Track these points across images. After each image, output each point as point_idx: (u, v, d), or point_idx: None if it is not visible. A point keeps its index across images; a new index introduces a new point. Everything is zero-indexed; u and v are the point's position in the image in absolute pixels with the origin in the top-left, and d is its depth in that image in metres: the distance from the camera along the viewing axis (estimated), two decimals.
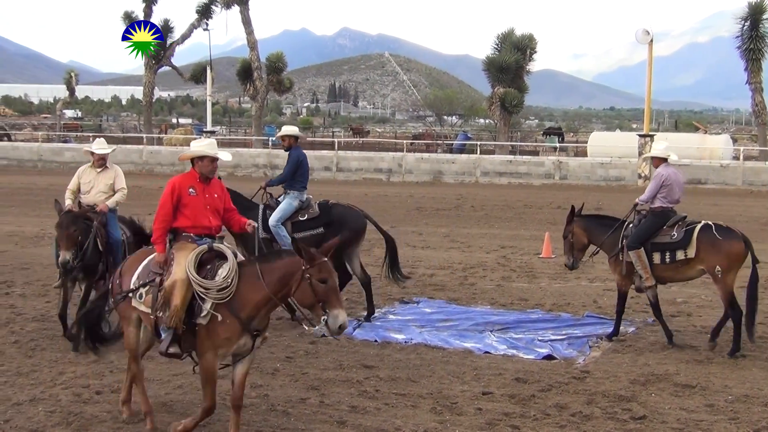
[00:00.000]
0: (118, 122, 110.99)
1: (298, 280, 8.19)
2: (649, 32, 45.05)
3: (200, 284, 8.36)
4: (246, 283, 8.40)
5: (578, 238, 13.83)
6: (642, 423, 9.39)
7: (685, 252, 12.66)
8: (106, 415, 9.38)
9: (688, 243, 12.63)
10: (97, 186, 12.90)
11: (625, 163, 43.88)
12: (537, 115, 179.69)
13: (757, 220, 29.02)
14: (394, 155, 48.36)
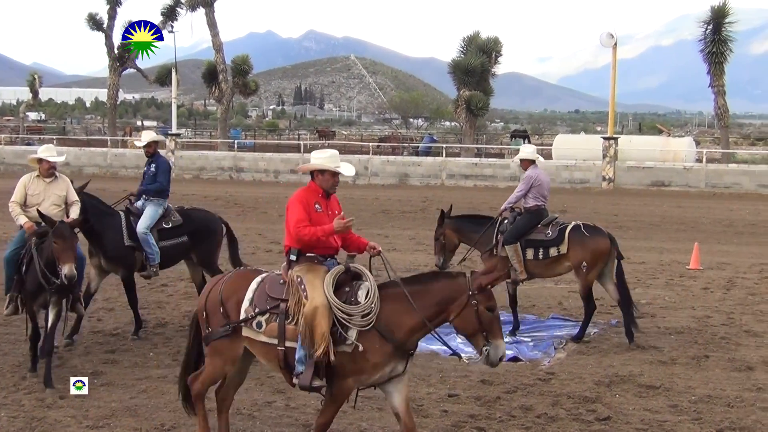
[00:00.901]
0: (82, 125, 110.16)
1: (461, 306, 7.68)
2: (613, 35, 45.36)
3: (342, 310, 7.72)
4: (393, 307, 7.83)
5: (450, 239, 14.29)
6: (606, 424, 9.47)
7: (558, 249, 13.49)
8: (69, 420, 9.35)
9: (562, 241, 13.46)
10: (49, 198, 11.52)
11: (589, 166, 44.12)
12: (502, 118, 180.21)
13: (720, 222, 29.30)
14: (360, 158, 48.31)
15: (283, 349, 7.88)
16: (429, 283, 7.99)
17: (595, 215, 30.56)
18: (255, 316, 8.00)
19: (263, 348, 8.04)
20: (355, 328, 7.69)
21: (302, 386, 7.84)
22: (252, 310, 8.01)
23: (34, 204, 11.35)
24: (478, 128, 69.00)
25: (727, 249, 22.81)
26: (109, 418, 9.40)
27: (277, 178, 46.65)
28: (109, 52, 65.74)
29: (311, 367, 7.69)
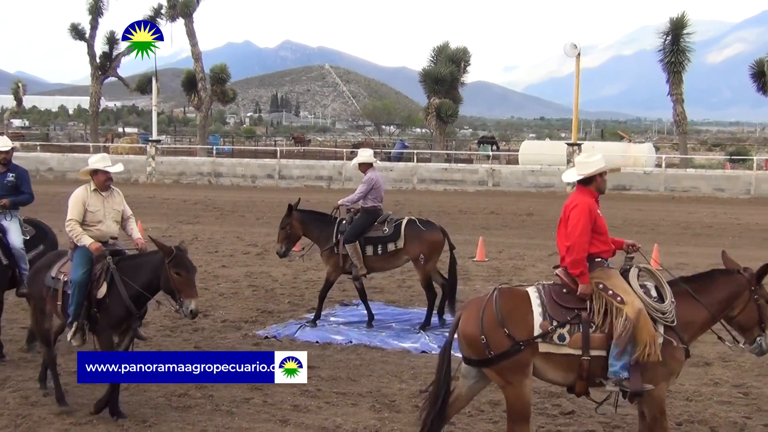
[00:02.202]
0: (65, 131, 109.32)
1: (745, 301, 7.62)
2: (576, 46, 45.57)
3: (657, 309, 7.53)
4: (682, 304, 7.67)
5: (295, 231, 14.34)
6: (571, 418, 9.51)
7: (395, 244, 13.85)
8: (53, 417, 9.29)
9: (398, 236, 13.83)
10: (109, 214, 9.92)
11: (554, 171, 44.26)
12: (471, 125, 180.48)
13: (679, 224, 29.48)
14: (334, 163, 48.33)
15: (588, 359, 7.52)
16: (709, 281, 7.88)
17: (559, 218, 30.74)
18: (555, 329, 7.54)
19: (563, 360, 7.56)
20: (661, 325, 7.54)
21: (634, 391, 7.47)
22: (549, 324, 7.55)
23: (95, 221, 9.81)
24: (448, 135, 69.08)
25: (686, 250, 22.94)
26: (92, 415, 9.34)
27: (254, 183, 46.53)
28: (92, 61, 65.49)
29: (637, 371, 7.43)
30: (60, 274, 9.62)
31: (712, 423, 9.40)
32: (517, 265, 20.17)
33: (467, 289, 17.21)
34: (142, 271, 9.25)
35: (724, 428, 9.24)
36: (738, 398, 10.30)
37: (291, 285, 17.25)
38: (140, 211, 29.79)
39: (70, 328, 9.40)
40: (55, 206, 31.64)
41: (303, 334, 13.15)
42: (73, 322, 9.32)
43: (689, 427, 9.28)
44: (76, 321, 9.32)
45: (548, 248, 22.73)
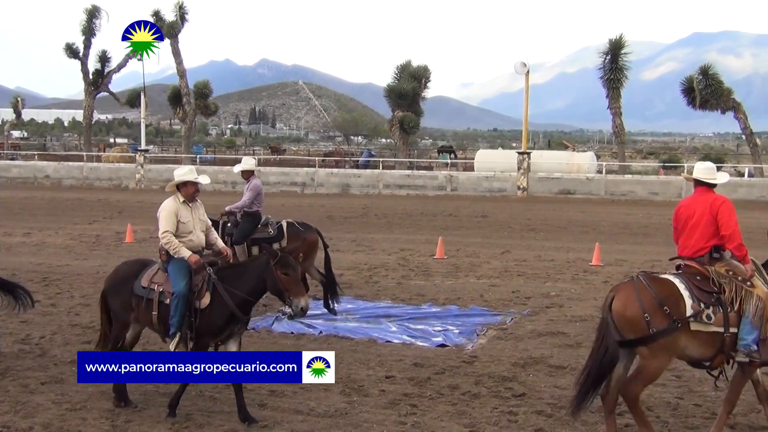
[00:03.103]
0: (60, 142, 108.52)
1: None
2: (525, 64, 45.79)
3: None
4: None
5: None
6: (522, 399, 9.53)
7: (279, 243, 13.79)
8: (50, 404, 9.19)
9: (282, 236, 13.97)
10: (197, 225, 9.43)
11: (506, 177, 44.44)
12: (431, 136, 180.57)
13: (618, 224, 29.67)
14: (307, 170, 48.24)
15: (729, 335, 7.87)
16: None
17: (511, 219, 30.88)
18: (703, 309, 7.85)
19: (709, 337, 7.90)
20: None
21: (764, 360, 7.95)
22: (698, 306, 7.85)
23: (187, 232, 9.25)
24: (410, 144, 69.20)
25: (624, 248, 23.10)
26: (86, 401, 9.27)
27: (234, 189, 46.29)
28: (85, 78, 65.37)
29: (765, 344, 7.89)
30: (153, 285, 8.97)
31: (648, 403, 9.45)
32: (473, 262, 20.22)
33: (429, 284, 17.24)
34: (246, 277, 8.82)
35: (660, 408, 9.31)
36: (671, 381, 10.37)
37: None
38: (130, 214, 29.64)
39: (171, 339, 8.83)
40: (51, 210, 31.45)
41: (279, 325, 13.07)
42: (176, 333, 8.81)
43: (626, 407, 9.32)
44: (179, 332, 8.82)
45: (501, 246, 22.83)
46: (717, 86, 50.91)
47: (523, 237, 25.84)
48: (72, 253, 21.16)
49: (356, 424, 8.73)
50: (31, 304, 11.66)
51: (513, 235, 26.42)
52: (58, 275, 17.56)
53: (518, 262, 20.11)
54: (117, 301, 9.26)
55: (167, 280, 8.96)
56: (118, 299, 9.25)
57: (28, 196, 38.94)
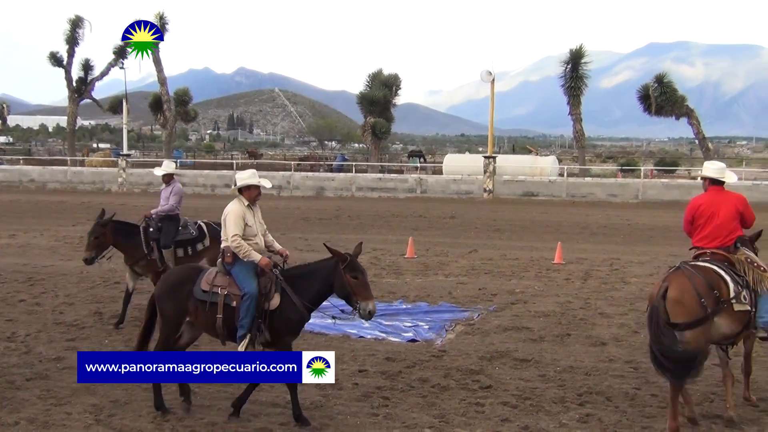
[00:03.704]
0: (45, 147, 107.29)
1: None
2: (491, 73, 45.91)
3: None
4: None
5: (106, 240, 12.91)
6: (488, 391, 9.56)
7: (203, 243, 13.43)
8: (35, 399, 9.10)
9: (205, 236, 13.46)
10: (259, 228, 9.09)
11: (473, 180, 44.56)
12: (402, 141, 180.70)
13: (579, 224, 29.84)
14: (283, 174, 48.10)
15: (753, 312, 8.43)
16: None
17: (478, 220, 30.96)
18: (741, 291, 8.37)
19: (742, 315, 8.41)
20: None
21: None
22: (737, 288, 8.35)
23: (252, 235, 8.93)
24: (382, 149, 69.23)
25: (584, 247, 23.24)
26: (71, 396, 9.19)
27: (213, 191, 46.13)
28: (69, 85, 65.01)
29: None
30: (215, 288, 8.58)
31: (607, 394, 9.52)
32: (442, 261, 20.26)
33: (400, 282, 17.25)
34: (313, 280, 8.63)
35: (618, 398, 9.36)
36: (629, 372, 10.45)
37: None
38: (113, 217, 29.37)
39: (240, 341, 8.45)
40: (36, 213, 31.14)
41: None
42: (246, 334, 8.45)
43: (588, 398, 9.38)
44: (249, 333, 8.48)
45: (468, 246, 22.88)
46: (671, 94, 51.37)
47: (489, 237, 25.92)
48: (56, 254, 20.95)
49: (331, 416, 8.72)
50: None
51: (480, 235, 26.50)
52: (43, 275, 17.39)
53: (485, 261, 20.17)
54: (170, 306, 8.74)
55: (231, 283, 8.61)
56: (170, 304, 8.74)
57: (14, 200, 38.55)
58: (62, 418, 8.54)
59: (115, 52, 65.16)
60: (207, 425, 8.39)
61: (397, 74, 62.76)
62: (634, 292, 15.99)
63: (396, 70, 64.12)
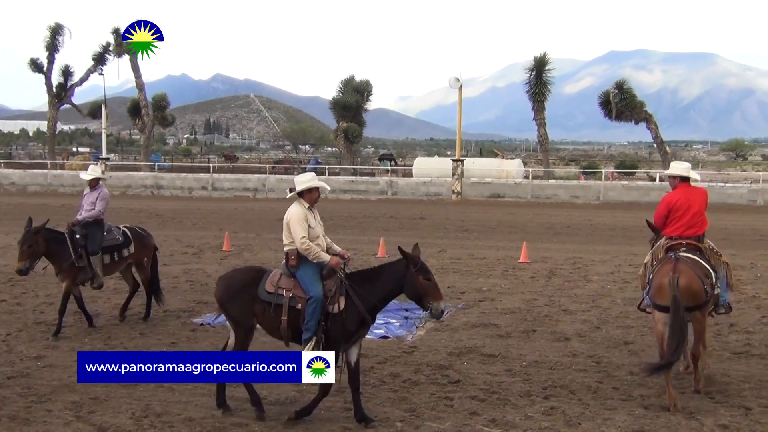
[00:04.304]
0: (26, 151, 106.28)
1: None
2: (459, 79, 46.07)
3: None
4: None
5: (40, 247, 12.04)
6: (457, 386, 9.57)
7: (128, 249, 12.95)
8: (16, 397, 8.98)
9: (130, 242, 12.94)
10: (320, 230, 8.99)
11: (442, 182, 44.66)
12: (373, 145, 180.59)
13: (543, 225, 29.99)
14: (259, 177, 47.94)
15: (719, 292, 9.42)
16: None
17: (447, 221, 31.02)
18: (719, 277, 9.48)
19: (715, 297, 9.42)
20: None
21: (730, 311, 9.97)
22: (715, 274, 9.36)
23: (315, 237, 8.77)
24: (354, 153, 69.25)
25: (549, 246, 23.34)
26: (51, 394, 9.09)
27: (190, 194, 45.86)
28: (49, 91, 64.52)
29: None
30: (280, 290, 8.39)
31: (571, 387, 9.57)
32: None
33: None
34: (380, 282, 8.44)
35: (581, 391, 9.41)
36: (592, 366, 10.51)
37: None
38: None
39: (305, 344, 8.22)
40: (17, 215, 30.75)
41: None
42: (312, 337, 8.22)
43: (553, 391, 9.42)
44: (315, 336, 8.24)
45: (437, 246, 22.89)
46: (631, 99, 51.86)
47: (458, 237, 25.98)
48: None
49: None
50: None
51: (448, 235, 26.55)
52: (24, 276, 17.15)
53: (453, 260, 20.20)
54: (236, 308, 8.52)
55: (296, 285, 8.40)
56: (236, 306, 8.51)
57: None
58: (43, 415, 8.45)
59: (95, 59, 64.82)
60: (185, 421, 8.33)
61: (369, 80, 62.77)
62: (596, 290, 16.09)
63: (367, 77, 64.61)
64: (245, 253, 21.03)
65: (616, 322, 13.03)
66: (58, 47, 64.53)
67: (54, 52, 64.45)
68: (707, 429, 8.25)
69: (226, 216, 32.51)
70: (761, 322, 13.25)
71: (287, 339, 8.50)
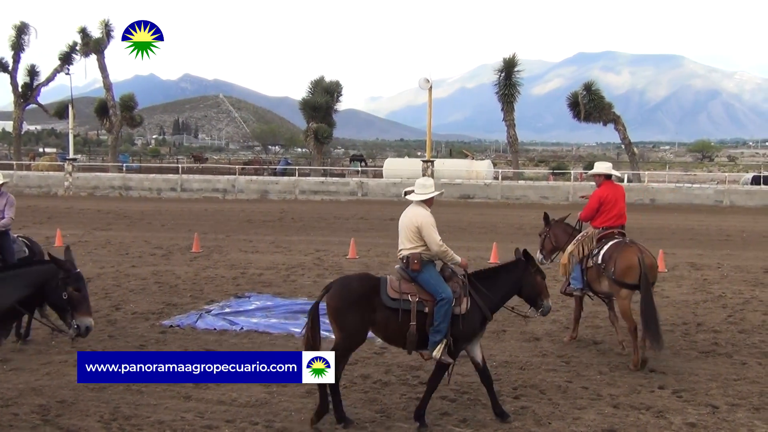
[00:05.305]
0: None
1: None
2: (428, 80, 46.18)
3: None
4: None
5: None
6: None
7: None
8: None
9: (35, 253, 11.97)
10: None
11: (412, 183, 44.40)
12: (343, 145, 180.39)
13: (513, 225, 30.16)
14: (228, 178, 47.74)
15: None
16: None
17: None
18: None
19: None
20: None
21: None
22: None
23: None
24: (324, 153, 69.17)
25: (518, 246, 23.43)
26: (18, 397, 8.98)
27: (159, 195, 45.54)
28: (14, 90, 63.82)
29: None
30: (404, 295, 8.24)
31: (541, 387, 9.64)
32: (383, 261, 20.30)
33: None
34: (500, 282, 8.61)
35: (551, 391, 9.48)
36: (561, 366, 10.59)
37: (192, 281, 16.93)
38: (59, 220, 28.87)
39: (435, 347, 8.18)
40: None
41: (202, 322, 12.90)
42: (443, 339, 8.18)
43: (523, 391, 9.48)
44: (445, 338, 8.21)
45: None
46: (599, 101, 52.34)
47: None
48: None
49: (276, 412, 8.67)
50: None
51: None
52: None
53: None
54: (355, 317, 8.19)
55: (419, 289, 8.31)
56: (356, 315, 8.19)
57: None
58: (9, 419, 8.34)
59: (61, 58, 64.18)
60: (154, 423, 8.27)
61: (339, 81, 62.77)
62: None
63: (337, 77, 64.55)
64: (215, 254, 20.94)
65: (585, 322, 13.12)
66: (23, 46, 63.82)
67: (19, 52, 63.73)
68: (675, 427, 8.35)
69: (195, 217, 32.34)
70: (727, 322, 13.42)
71: (412, 346, 8.37)
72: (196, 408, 8.71)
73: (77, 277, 7.91)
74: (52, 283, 7.81)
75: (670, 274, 18.45)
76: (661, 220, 32.72)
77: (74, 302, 7.80)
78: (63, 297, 7.79)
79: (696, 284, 17.17)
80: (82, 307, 7.83)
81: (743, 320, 13.56)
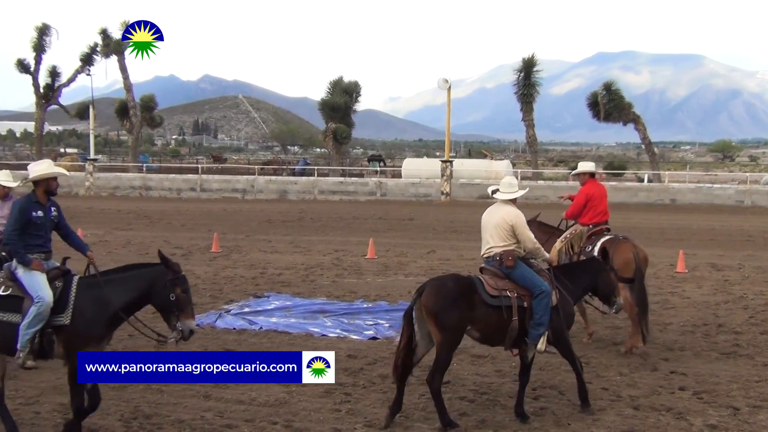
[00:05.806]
0: (13, 152, 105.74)
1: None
2: (447, 80, 46.10)
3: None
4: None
5: None
6: (447, 386, 9.55)
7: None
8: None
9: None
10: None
11: (431, 183, 44.69)
12: (362, 146, 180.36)
13: None
14: (247, 178, 47.87)
15: None
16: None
17: (436, 222, 31.07)
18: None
19: None
20: None
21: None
22: None
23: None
24: (343, 154, 69.17)
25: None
26: (39, 396, 9.07)
27: (179, 195, 45.75)
28: (36, 92, 64.27)
29: None
30: (503, 292, 8.37)
31: (560, 387, 9.59)
32: (402, 261, 20.29)
33: (360, 282, 17.23)
34: (582, 277, 8.99)
35: (570, 392, 9.42)
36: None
37: (212, 281, 16.99)
38: (80, 220, 29.04)
39: (536, 340, 8.38)
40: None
41: (222, 322, 12.94)
42: (544, 332, 8.41)
43: (542, 392, 9.45)
44: (547, 330, 8.45)
45: (426, 247, 22.93)
46: (619, 101, 52.06)
47: (447, 238, 26.00)
48: None
49: (295, 412, 8.68)
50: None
51: (437, 236, 26.57)
52: None
53: (442, 261, 20.23)
54: (455, 317, 8.19)
55: (516, 285, 8.47)
56: (456, 315, 8.18)
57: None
58: (31, 417, 8.42)
59: (82, 59, 64.62)
60: (174, 422, 8.32)
61: (358, 81, 62.85)
62: None
63: (356, 78, 64.47)
64: (234, 254, 21.01)
65: (605, 323, 13.06)
66: (45, 48, 64.30)
67: (41, 53, 64.22)
68: (696, 429, 8.29)
69: (214, 217, 32.47)
70: (749, 323, 13.31)
71: (510, 342, 8.53)
72: (216, 407, 8.75)
73: (184, 279, 7.95)
74: (160, 285, 7.83)
75: (691, 274, 18.32)
76: (682, 220, 32.52)
77: (181, 304, 7.81)
78: (170, 299, 7.81)
79: (717, 285, 17.03)
80: (187, 309, 7.85)
81: (765, 321, 13.44)
